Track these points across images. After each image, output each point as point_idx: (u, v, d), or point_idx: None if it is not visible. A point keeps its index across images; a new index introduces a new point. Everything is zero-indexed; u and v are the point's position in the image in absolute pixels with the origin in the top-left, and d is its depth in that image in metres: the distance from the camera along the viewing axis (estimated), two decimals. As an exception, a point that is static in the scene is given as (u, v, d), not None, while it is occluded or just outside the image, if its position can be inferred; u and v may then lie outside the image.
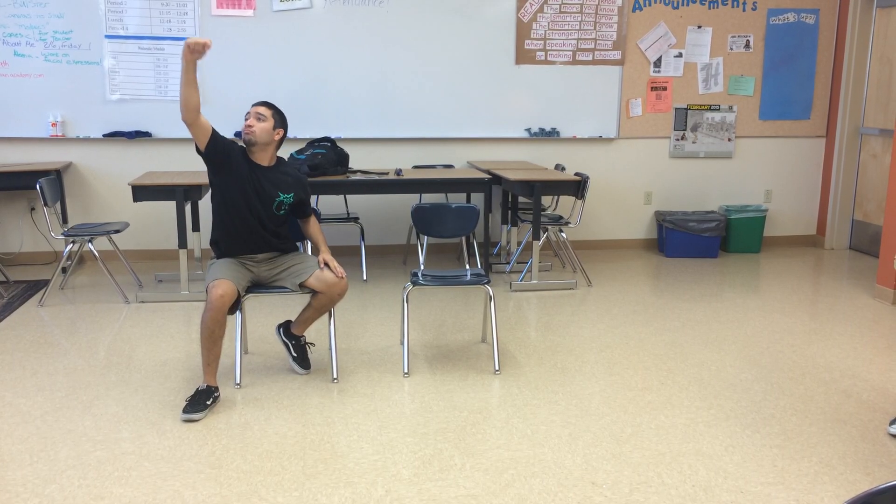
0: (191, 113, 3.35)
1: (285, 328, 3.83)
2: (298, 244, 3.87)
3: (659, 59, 6.57)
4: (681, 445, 3.03)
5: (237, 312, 3.63)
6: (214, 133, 3.46)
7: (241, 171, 3.52)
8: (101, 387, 3.59)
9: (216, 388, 3.40)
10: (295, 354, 3.77)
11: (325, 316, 3.72)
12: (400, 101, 6.28)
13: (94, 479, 2.74)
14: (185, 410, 3.25)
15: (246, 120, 3.53)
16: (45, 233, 6.09)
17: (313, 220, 3.85)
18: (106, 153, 6.07)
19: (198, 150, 3.49)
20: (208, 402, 3.30)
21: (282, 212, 3.63)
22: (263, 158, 3.58)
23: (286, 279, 3.63)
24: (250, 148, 3.54)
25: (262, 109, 3.54)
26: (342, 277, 3.55)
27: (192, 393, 3.36)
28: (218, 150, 3.47)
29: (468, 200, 6.20)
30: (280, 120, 3.60)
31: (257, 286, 3.66)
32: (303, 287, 3.58)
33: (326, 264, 3.58)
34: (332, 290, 3.57)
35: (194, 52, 3.25)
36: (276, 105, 3.64)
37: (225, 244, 3.61)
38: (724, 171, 6.87)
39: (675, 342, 4.29)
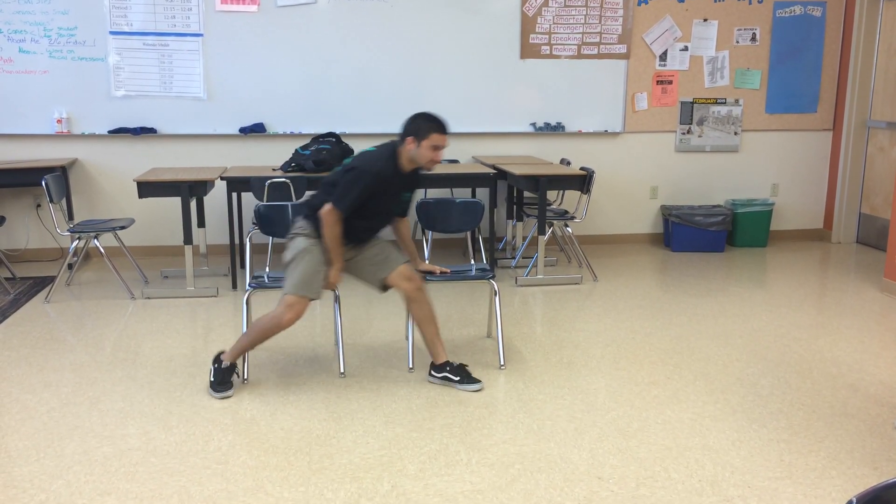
0: None
1: (434, 368, 3.58)
2: None
3: (664, 53, 6.54)
4: (687, 440, 3.02)
5: (244, 308, 3.64)
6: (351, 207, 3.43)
7: (393, 189, 3.49)
8: (107, 383, 3.60)
9: (236, 366, 3.51)
10: (458, 378, 3.52)
11: (331, 311, 3.72)
12: (404, 97, 6.26)
13: (101, 475, 2.74)
14: (215, 389, 3.39)
15: (437, 150, 3.39)
16: (50, 229, 6.10)
17: (406, 221, 3.73)
18: (111, 149, 6.08)
19: None
20: (232, 379, 3.45)
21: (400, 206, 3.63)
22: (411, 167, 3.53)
23: (368, 272, 3.56)
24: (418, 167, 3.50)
25: (448, 140, 3.46)
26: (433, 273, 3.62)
27: (216, 370, 3.44)
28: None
29: (473, 195, 6.20)
30: None
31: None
32: (384, 287, 3.55)
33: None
34: (409, 286, 3.49)
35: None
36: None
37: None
38: (730, 164, 6.84)
39: (681, 337, 4.28)
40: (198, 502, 2.57)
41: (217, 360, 3.48)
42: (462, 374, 3.53)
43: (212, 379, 3.45)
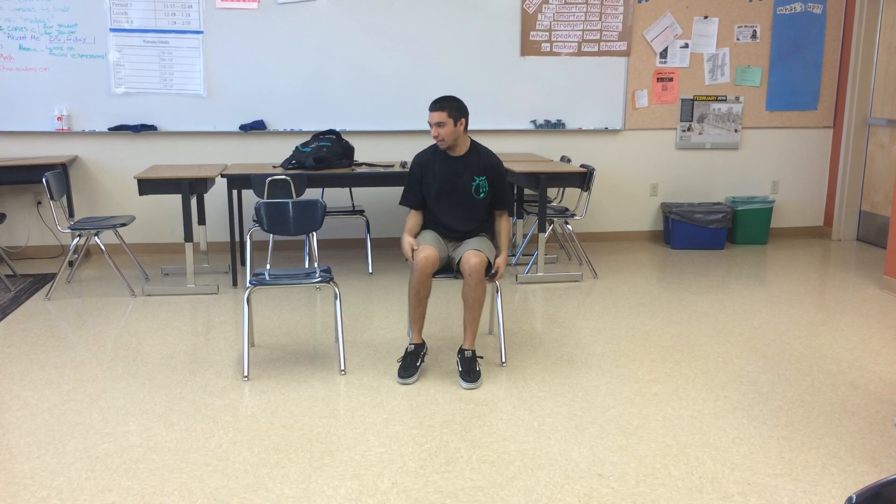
0: None
1: (458, 351, 3.70)
2: None
3: (665, 50, 6.53)
4: (687, 437, 3.03)
5: (245, 306, 3.64)
6: (419, 200, 3.77)
7: (437, 173, 3.71)
8: (107, 380, 3.60)
9: (423, 345, 3.69)
10: (460, 368, 3.58)
11: (332, 309, 3.73)
12: (405, 94, 6.26)
13: (102, 472, 2.75)
14: (399, 375, 3.55)
15: (431, 128, 3.63)
16: (51, 227, 6.11)
17: (505, 220, 3.82)
18: (111, 147, 6.08)
19: None
20: (418, 364, 3.61)
21: (481, 195, 3.71)
22: (459, 150, 3.72)
23: (457, 254, 3.73)
24: (446, 150, 3.71)
25: (438, 116, 3.59)
26: (496, 273, 3.65)
27: (402, 356, 3.64)
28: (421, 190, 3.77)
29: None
30: (457, 112, 3.61)
31: (445, 270, 3.75)
32: (458, 272, 3.68)
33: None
34: (464, 268, 3.54)
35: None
36: (447, 97, 3.64)
37: (428, 219, 3.81)
38: (730, 162, 6.84)
39: (681, 334, 4.28)
40: (199, 499, 2.57)
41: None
42: (464, 366, 3.57)
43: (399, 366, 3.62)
